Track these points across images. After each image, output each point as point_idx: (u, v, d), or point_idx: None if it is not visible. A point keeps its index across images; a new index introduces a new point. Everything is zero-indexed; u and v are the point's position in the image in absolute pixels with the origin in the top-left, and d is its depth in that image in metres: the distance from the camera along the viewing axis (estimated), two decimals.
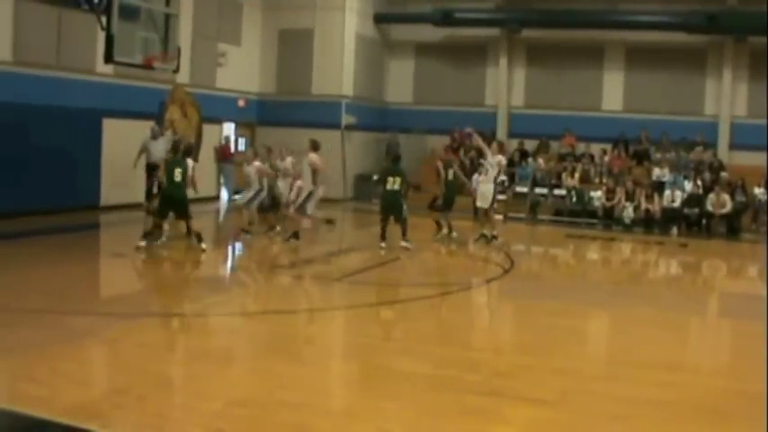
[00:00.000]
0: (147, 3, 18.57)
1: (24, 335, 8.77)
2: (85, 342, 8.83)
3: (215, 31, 25.67)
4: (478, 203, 18.39)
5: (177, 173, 14.78)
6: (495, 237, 17.83)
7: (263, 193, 17.46)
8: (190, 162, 15.90)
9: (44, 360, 7.84)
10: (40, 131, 18.81)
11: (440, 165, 18.61)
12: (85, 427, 6.11)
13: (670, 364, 8.96)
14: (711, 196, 22.39)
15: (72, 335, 8.93)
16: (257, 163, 17.47)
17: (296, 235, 16.59)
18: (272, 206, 17.78)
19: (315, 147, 17.01)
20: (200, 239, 14.96)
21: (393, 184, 16.44)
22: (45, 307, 10.10)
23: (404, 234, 16.41)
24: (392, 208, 16.44)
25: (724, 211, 22.17)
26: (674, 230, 22.12)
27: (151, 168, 19.44)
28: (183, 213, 15.04)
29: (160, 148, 19.40)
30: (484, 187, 18.12)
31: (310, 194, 16.82)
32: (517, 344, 10.08)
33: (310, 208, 16.99)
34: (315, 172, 16.73)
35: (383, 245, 16.28)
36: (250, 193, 17.41)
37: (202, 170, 20.47)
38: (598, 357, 9.62)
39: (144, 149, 19.44)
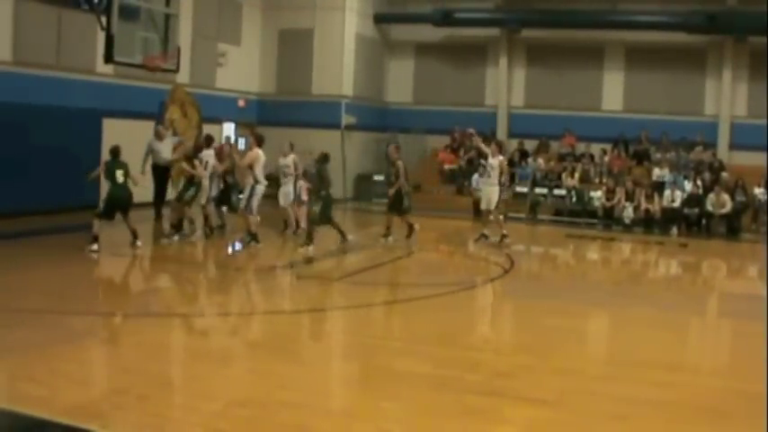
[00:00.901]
0: (146, 3, 18.58)
1: (24, 335, 8.78)
2: (85, 342, 8.84)
3: (215, 31, 25.68)
4: (482, 206, 18.26)
5: (119, 174, 14.93)
6: (505, 236, 17.69)
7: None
8: (210, 152, 16.82)
9: (44, 360, 7.85)
10: (41, 131, 18.82)
11: (401, 163, 17.75)
12: (85, 427, 6.12)
13: (670, 364, 8.96)
14: (711, 196, 22.39)
15: (72, 335, 8.94)
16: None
17: (255, 237, 16.13)
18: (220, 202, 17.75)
19: (260, 141, 16.65)
20: (135, 237, 15.08)
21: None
22: (45, 307, 10.10)
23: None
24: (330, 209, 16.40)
25: (724, 211, 22.17)
26: (674, 230, 22.12)
27: (159, 169, 19.50)
28: (127, 212, 15.09)
29: (166, 149, 19.47)
30: (489, 189, 17.95)
31: (253, 191, 16.18)
32: (517, 344, 10.08)
33: (255, 206, 16.28)
34: (252, 167, 16.29)
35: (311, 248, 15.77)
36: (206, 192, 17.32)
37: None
38: (598, 357, 9.63)
39: (150, 151, 19.44)
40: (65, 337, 8.77)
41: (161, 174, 19.60)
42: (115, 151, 15.37)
